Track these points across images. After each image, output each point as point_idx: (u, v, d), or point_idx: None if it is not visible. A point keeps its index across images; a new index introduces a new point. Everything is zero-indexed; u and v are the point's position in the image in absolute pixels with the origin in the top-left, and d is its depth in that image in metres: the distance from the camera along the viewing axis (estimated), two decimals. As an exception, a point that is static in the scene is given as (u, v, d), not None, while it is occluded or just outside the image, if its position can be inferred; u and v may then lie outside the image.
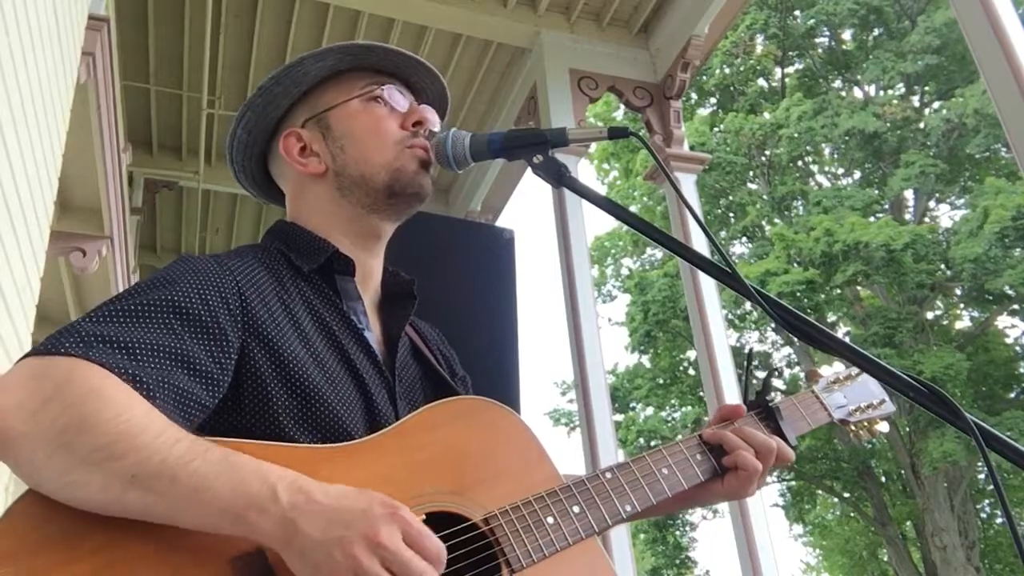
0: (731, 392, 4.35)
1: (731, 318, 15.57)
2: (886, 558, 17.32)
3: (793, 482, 16.94)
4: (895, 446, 14.71)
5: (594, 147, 15.93)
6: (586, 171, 18.65)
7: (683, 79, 5.27)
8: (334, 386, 1.03)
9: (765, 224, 16.96)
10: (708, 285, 4.70)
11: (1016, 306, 14.47)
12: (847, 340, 2.52)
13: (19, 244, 2.64)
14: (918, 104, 16.22)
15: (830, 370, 1.43)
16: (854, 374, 1.41)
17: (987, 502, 15.24)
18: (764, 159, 16.87)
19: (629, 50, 5.54)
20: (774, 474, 15.99)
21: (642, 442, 15.58)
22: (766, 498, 13.61)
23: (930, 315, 15.27)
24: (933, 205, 16.30)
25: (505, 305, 2.19)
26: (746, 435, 1.19)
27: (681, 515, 17.61)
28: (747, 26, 16.44)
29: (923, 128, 15.34)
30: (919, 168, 14.31)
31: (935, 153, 14.84)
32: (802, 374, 15.73)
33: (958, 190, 15.53)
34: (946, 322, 15.89)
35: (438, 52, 5.76)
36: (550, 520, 0.99)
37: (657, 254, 17.59)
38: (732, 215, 17.43)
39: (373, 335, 1.15)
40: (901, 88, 16.25)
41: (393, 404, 1.09)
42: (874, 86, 16.62)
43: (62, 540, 0.78)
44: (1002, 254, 12.67)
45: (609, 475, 1.09)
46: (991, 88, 3.35)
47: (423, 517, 0.84)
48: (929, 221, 15.60)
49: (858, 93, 17.02)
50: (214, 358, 0.94)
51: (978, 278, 13.12)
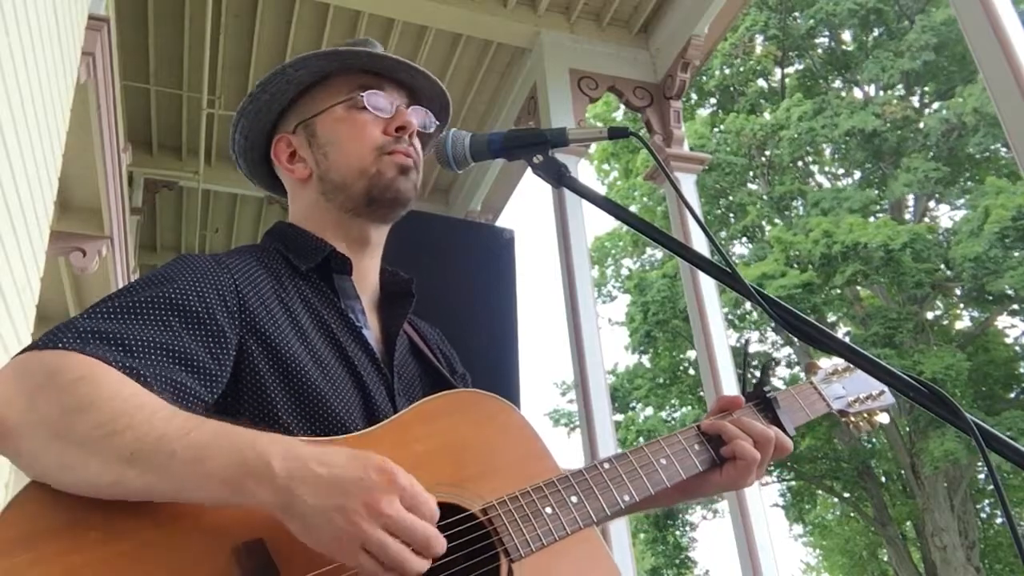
0: (731, 392, 4.34)
1: (731, 318, 15.57)
2: (886, 558, 17.33)
3: (793, 482, 16.95)
4: (895, 446, 14.71)
5: (594, 147, 15.93)
6: (586, 171, 18.68)
7: (683, 79, 5.28)
8: (332, 383, 1.03)
9: (765, 224, 16.96)
10: (708, 285, 4.71)
11: (1016, 306, 14.46)
12: (847, 340, 2.53)
13: (19, 244, 2.64)
14: (918, 104, 16.22)
15: (829, 362, 1.43)
16: (853, 366, 1.41)
17: (987, 502, 15.25)
18: (764, 159, 16.87)
19: (629, 50, 5.54)
20: (774, 474, 16.02)
21: (642, 442, 15.53)
22: (766, 498, 13.61)
23: (930, 315, 15.27)
24: (933, 205, 16.31)
25: (505, 305, 2.19)
26: (744, 425, 1.19)
27: (681, 515, 17.63)
28: (747, 27, 16.44)
29: (922, 128, 15.34)
30: (922, 173, 14.31)
31: (935, 153, 14.84)
32: (802, 374, 15.70)
33: (958, 190, 15.52)
34: (946, 322, 15.89)
35: (438, 52, 5.77)
36: (548, 510, 0.99)
37: (657, 254, 17.59)
38: (732, 215, 17.43)
39: (371, 333, 1.15)
40: (901, 88, 16.24)
41: (392, 401, 1.09)
42: (874, 86, 16.62)
43: (67, 529, 0.78)
44: (1002, 254, 12.67)
45: (607, 465, 1.09)
46: (991, 88, 3.35)
47: None
48: (929, 221, 15.59)
49: (858, 93, 17.02)
50: (212, 355, 0.94)
51: (978, 278, 13.11)
